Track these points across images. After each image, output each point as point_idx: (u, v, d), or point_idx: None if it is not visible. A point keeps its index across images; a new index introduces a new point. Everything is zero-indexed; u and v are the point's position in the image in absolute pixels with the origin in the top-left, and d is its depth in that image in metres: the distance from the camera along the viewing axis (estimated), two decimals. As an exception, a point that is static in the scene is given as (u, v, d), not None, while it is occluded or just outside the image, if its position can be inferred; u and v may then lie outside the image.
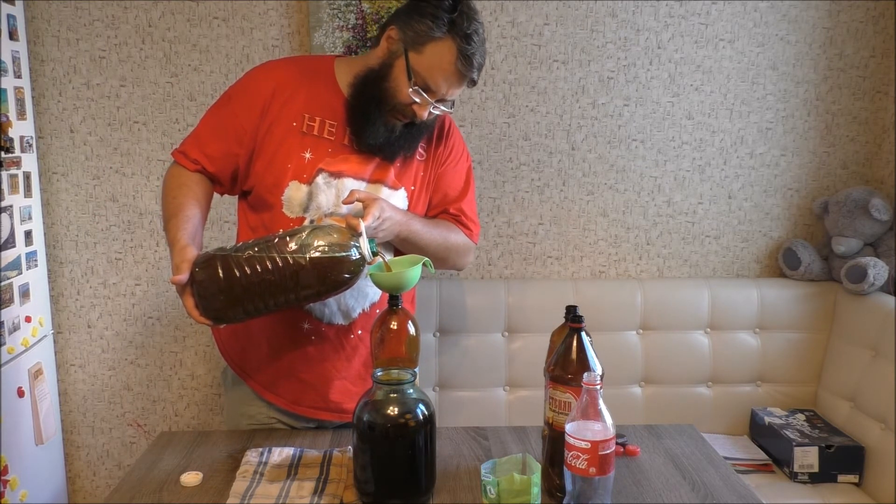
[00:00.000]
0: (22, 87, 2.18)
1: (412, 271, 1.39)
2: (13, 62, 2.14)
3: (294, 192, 1.48)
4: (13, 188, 2.14)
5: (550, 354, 1.33)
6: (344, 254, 1.30)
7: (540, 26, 2.35)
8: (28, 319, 2.19)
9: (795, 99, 2.43)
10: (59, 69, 2.32)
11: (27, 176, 2.21)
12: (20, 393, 2.14)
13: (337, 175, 1.49)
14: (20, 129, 2.18)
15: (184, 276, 1.27)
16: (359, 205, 1.40)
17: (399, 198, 1.55)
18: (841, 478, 2.12)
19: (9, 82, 2.11)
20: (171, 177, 1.52)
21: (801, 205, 2.50)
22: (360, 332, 1.57)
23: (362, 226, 1.33)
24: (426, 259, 1.44)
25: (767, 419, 2.27)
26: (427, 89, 1.43)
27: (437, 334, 2.34)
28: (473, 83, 1.47)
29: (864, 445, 2.11)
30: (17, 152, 2.16)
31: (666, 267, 2.52)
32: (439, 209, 1.64)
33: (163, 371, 2.49)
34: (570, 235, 2.48)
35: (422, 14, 1.40)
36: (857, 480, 2.11)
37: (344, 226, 1.35)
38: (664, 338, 2.37)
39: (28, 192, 2.22)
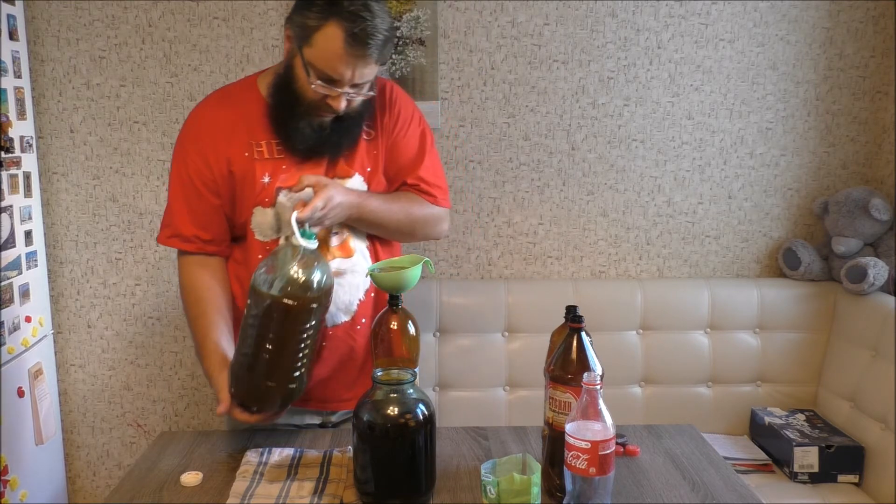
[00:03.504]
0: (22, 87, 2.18)
1: (412, 271, 1.39)
2: (13, 62, 2.14)
3: (260, 218, 1.49)
4: (13, 188, 2.14)
5: (550, 354, 1.33)
6: (295, 274, 1.28)
7: (540, 26, 2.35)
8: (28, 319, 2.19)
9: (795, 99, 2.43)
10: (59, 69, 2.32)
11: (27, 176, 2.21)
12: (20, 393, 2.14)
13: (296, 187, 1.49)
14: (20, 129, 2.18)
15: (225, 406, 1.36)
16: (309, 190, 1.39)
17: (356, 183, 1.53)
18: (841, 478, 2.12)
19: (9, 82, 2.11)
20: (184, 289, 1.54)
21: (801, 205, 2.50)
22: (363, 320, 1.57)
23: (293, 217, 1.31)
24: (426, 259, 1.44)
25: (767, 419, 2.27)
26: (330, 80, 1.37)
27: (437, 334, 2.34)
28: (382, 61, 1.39)
29: (864, 445, 2.11)
30: (17, 152, 2.16)
31: (666, 267, 2.52)
32: (398, 182, 1.59)
33: (163, 371, 2.49)
34: (570, 235, 2.48)
35: (301, 7, 1.36)
36: (857, 480, 2.11)
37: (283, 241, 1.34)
38: (664, 338, 2.37)
39: (28, 192, 2.22)
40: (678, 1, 2.35)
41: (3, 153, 2.08)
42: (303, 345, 1.31)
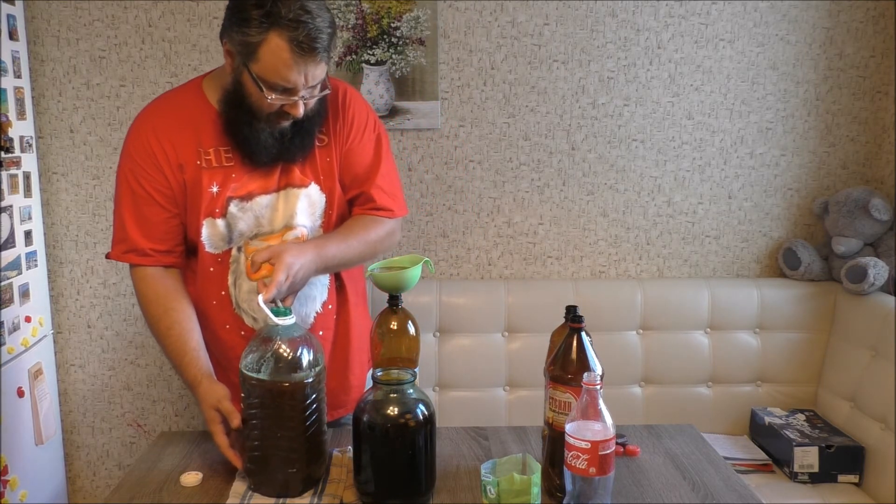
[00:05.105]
0: (22, 87, 2.18)
1: (412, 271, 1.40)
2: (13, 62, 2.14)
3: (211, 230, 1.46)
4: (13, 188, 2.14)
5: (550, 354, 1.33)
6: (283, 352, 1.26)
7: (540, 26, 2.35)
8: (28, 319, 2.19)
9: (795, 99, 2.43)
10: (59, 69, 2.32)
11: (27, 176, 2.21)
12: (20, 393, 2.14)
13: (247, 198, 1.46)
14: (20, 129, 2.18)
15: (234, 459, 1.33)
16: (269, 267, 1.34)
17: (313, 191, 1.50)
18: (841, 478, 2.12)
19: (9, 82, 2.11)
20: (146, 301, 1.49)
21: (801, 205, 2.50)
22: (321, 332, 1.55)
23: (260, 299, 1.27)
24: (426, 259, 1.44)
25: (767, 419, 2.27)
26: (283, 89, 1.34)
27: (437, 334, 2.34)
28: (329, 59, 1.37)
29: (864, 445, 2.11)
30: (17, 152, 2.16)
31: (666, 267, 2.52)
32: (354, 190, 1.54)
33: (163, 371, 2.49)
34: (570, 235, 2.48)
35: (238, 24, 1.31)
36: (857, 480, 2.11)
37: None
38: (664, 338, 2.37)
39: (28, 192, 2.22)
40: (678, 1, 2.35)
41: (3, 153, 2.08)
42: (308, 423, 1.27)
